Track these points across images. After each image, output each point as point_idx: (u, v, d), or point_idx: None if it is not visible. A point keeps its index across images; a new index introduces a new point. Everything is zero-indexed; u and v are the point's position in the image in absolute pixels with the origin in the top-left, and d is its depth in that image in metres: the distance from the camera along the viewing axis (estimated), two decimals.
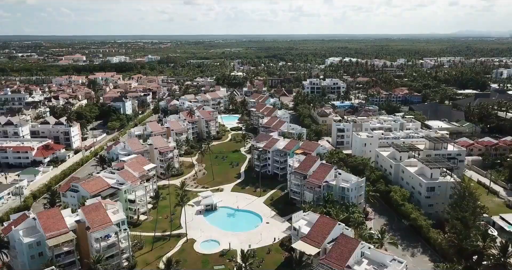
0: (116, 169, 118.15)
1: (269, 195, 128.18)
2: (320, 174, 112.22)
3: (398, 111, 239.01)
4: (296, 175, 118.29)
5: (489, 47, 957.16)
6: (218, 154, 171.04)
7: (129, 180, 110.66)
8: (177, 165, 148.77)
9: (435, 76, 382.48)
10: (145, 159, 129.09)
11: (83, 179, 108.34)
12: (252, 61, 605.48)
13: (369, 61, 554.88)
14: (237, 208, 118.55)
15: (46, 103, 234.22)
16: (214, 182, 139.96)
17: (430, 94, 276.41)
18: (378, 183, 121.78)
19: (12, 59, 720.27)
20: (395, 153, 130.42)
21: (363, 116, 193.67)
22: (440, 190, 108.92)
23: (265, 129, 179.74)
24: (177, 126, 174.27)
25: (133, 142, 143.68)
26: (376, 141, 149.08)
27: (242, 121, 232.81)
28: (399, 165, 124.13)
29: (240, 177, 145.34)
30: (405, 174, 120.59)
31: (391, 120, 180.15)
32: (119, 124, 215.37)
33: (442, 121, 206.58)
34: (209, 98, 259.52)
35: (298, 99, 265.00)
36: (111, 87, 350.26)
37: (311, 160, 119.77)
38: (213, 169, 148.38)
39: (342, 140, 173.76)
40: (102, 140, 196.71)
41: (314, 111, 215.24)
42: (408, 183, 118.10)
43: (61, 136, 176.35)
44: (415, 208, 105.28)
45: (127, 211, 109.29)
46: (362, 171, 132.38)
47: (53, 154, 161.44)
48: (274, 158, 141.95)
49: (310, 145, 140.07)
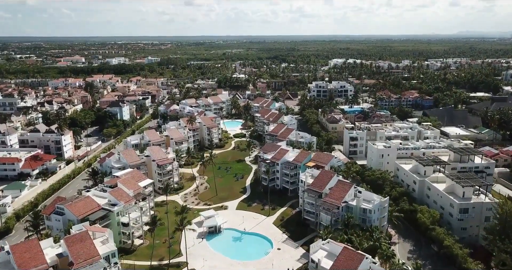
0: (109, 186, 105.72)
1: (279, 214, 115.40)
2: (338, 193, 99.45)
3: (410, 116, 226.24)
4: (310, 193, 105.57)
5: (492, 47, 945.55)
6: (221, 164, 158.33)
7: (122, 200, 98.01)
8: (176, 178, 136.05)
9: (444, 78, 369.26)
10: (141, 174, 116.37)
11: (70, 199, 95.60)
12: (254, 63, 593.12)
13: (374, 63, 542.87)
14: (244, 231, 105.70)
15: (38, 108, 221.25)
16: (217, 198, 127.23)
17: (442, 98, 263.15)
18: (401, 201, 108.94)
19: (10, 60, 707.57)
20: (419, 167, 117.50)
21: (376, 122, 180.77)
22: (475, 212, 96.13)
23: (271, 137, 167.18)
24: (177, 134, 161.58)
25: (129, 154, 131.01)
26: (395, 152, 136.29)
27: (246, 127, 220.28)
28: (424, 181, 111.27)
29: (246, 191, 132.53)
30: (432, 191, 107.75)
31: (407, 128, 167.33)
32: (115, 131, 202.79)
33: (459, 128, 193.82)
34: (210, 102, 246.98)
35: (304, 103, 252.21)
36: (109, 90, 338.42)
37: (326, 176, 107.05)
38: (216, 182, 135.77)
39: (355, 150, 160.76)
40: (97, 148, 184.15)
41: (323, 117, 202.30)
42: (436, 202, 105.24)
43: (52, 145, 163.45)
44: (447, 233, 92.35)
45: (119, 236, 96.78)
46: (381, 187, 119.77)
47: (43, 165, 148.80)
48: (283, 171, 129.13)
49: (323, 157, 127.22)
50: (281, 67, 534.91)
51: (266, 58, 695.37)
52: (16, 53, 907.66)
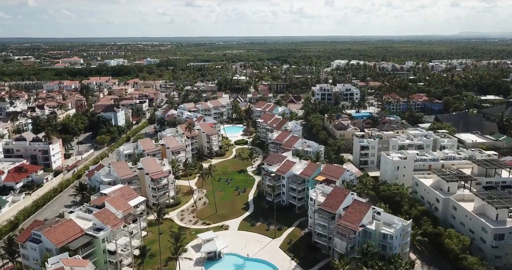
0: (95, 206, 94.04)
1: (286, 235, 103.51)
2: (355, 216, 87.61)
3: (421, 121, 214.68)
4: (322, 213, 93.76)
5: (495, 48, 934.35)
6: (222, 175, 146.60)
7: (109, 223, 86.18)
8: (172, 193, 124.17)
9: (451, 80, 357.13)
10: (132, 191, 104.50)
11: (49, 224, 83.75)
12: (255, 64, 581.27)
13: (377, 64, 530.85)
14: (247, 257, 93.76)
15: (28, 113, 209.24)
16: (217, 215, 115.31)
17: (453, 102, 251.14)
18: (423, 221, 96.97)
19: (7, 62, 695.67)
20: (441, 182, 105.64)
21: (387, 129, 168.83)
22: (511, 238, 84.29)
23: (275, 145, 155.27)
24: (174, 143, 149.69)
25: (120, 167, 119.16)
26: (411, 164, 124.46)
27: (248, 133, 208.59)
28: (449, 200, 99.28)
29: (249, 208, 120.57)
30: (458, 212, 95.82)
31: (421, 135, 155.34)
32: (109, 138, 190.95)
33: (474, 134, 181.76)
34: (210, 106, 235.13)
35: (309, 107, 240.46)
36: (105, 93, 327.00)
37: (340, 194, 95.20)
38: (215, 196, 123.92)
39: (366, 159, 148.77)
40: (89, 156, 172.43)
41: (330, 123, 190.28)
42: (464, 225, 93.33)
43: (39, 155, 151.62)
44: (481, 263, 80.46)
45: (106, 265, 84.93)
46: (398, 204, 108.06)
47: (28, 177, 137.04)
48: (289, 185, 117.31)
49: (334, 170, 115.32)
50: (282, 68, 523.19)
51: (267, 59, 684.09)
52: (15, 54, 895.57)
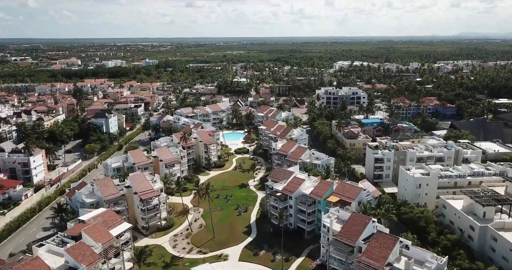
0: (70, 237, 79.55)
1: (294, 267, 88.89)
2: (379, 252, 73.04)
3: (435, 128, 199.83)
4: (338, 245, 79.26)
5: (497, 49, 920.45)
6: (220, 191, 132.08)
7: (84, 261, 71.61)
8: (164, 214, 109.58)
9: (460, 82, 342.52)
10: (115, 216, 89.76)
11: (11, 264, 69.26)
12: (255, 65, 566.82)
13: (382, 65, 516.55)
14: None
15: (13, 119, 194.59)
16: (215, 242, 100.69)
17: (467, 106, 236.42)
18: (456, 254, 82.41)
19: (3, 63, 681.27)
20: (475, 206, 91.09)
21: (402, 138, 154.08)
22: None
23: (280, 157, 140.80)
24: (168, 155, 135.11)
25: (104, 185, 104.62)
26: (435, 181, 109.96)
27: (249, 141, 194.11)
28: (487, 228, 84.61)
29: (251, 232, 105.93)
30: (499, 244, 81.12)
31: (441, 146, 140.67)
32: (99, 146, 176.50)
33: (495, 143, 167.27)
34: (209, 111, 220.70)
35: (314, 112, 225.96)
36: (99, 96, 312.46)
37: (359, 221, 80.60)
38: (213, 217, 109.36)
39: (380, 173, 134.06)
40: (76, 168, 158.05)
41: (339, 131, 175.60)
42: (508, 260, 78.70)
43: (19, 168, 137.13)
44: None
45: None
46: (423, 230, 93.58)
47: (4, 194, 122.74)
48: (298, 207, 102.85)
49: (349, 189, 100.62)
50: (284, 70, 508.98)
51: (268, 60, 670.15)
52: (12, 55, 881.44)
